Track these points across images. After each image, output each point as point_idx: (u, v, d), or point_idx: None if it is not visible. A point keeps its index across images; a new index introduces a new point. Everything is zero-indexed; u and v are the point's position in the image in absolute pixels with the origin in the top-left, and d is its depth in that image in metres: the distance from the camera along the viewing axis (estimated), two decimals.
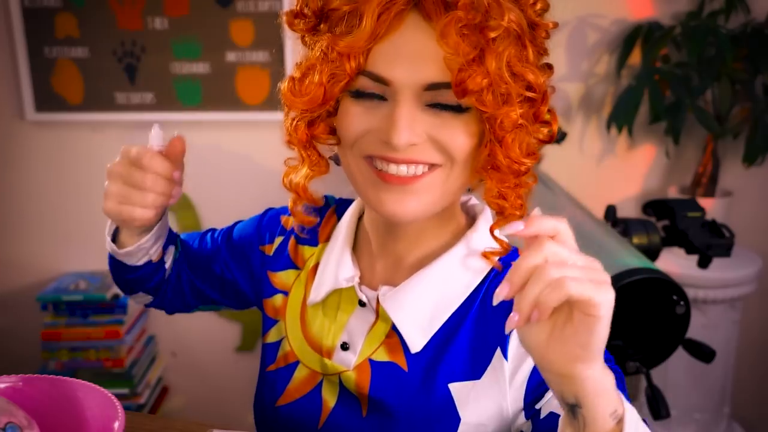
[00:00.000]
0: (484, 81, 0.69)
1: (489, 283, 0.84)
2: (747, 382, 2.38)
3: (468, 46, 0.69)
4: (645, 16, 2.17)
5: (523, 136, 0.74)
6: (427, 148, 0.74)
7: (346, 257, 0.89)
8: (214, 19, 2.23)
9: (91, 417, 0.76)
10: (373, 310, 0.87)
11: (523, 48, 0.72)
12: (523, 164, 0.74)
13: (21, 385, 0.79)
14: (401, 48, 0.72)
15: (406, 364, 0.84)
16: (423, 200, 0.77)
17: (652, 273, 1.25)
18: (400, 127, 0.72)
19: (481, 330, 0.82)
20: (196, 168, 2.37)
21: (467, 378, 0.81)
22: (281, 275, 0.97)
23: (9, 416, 0.72)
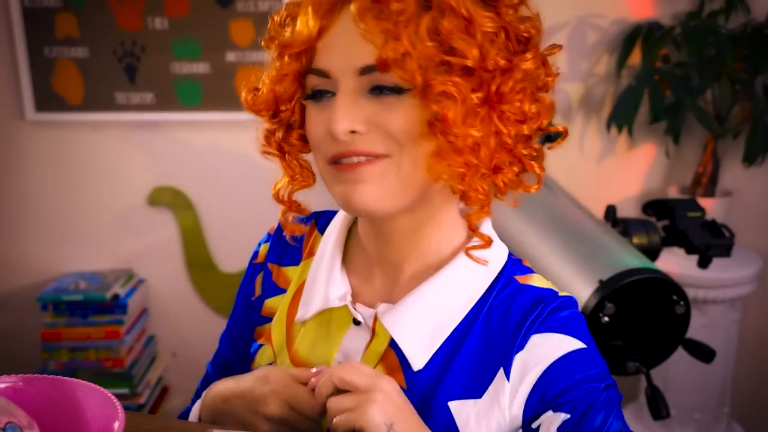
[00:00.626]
0: (400, 49, 0.70)
1: (492, 298, 0.82)
2: (747, 382, 2.38)
3: (383, 21, 0.70)
4: (645, 16, 2.17)
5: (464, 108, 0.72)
6: (372, 138, 0.74)
7: (335, 273, 0.86)
8: (214, 19, 2.24)
9: (91, 417, 0.76)
10: (369, 328, 0.83)
11: (465, 21, 0.71)
12: (466, 137, 0.72)
13: (21, 385, 0.79)
14: (337, 40, 0.74)
15: (405, 383, 0.81)
16: (379, 189, 0.75)
17: (652, 273, 1.25)
18: (338, 115, 0.73)
19: (484, 347, 0.80)
20: (196, 168, 2.39)
21: (468, 396, 0.79)
22: (269, 302, 0.94)
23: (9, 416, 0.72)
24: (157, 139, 2.39)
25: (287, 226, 0.88)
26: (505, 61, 0.73)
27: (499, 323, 0.80)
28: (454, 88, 0.71)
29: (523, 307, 0.80)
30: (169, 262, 2.49)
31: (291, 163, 0.84)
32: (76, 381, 0.79)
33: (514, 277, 0.83)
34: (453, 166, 0.73)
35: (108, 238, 2.47)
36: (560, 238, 1.41)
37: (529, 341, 0.78)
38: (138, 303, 2.41)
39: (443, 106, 0.71)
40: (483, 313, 0.81)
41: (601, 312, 1.24)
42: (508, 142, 0.76)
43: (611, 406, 0.76)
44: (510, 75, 0.74)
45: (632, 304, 1.25)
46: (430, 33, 0.71)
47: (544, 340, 0.78)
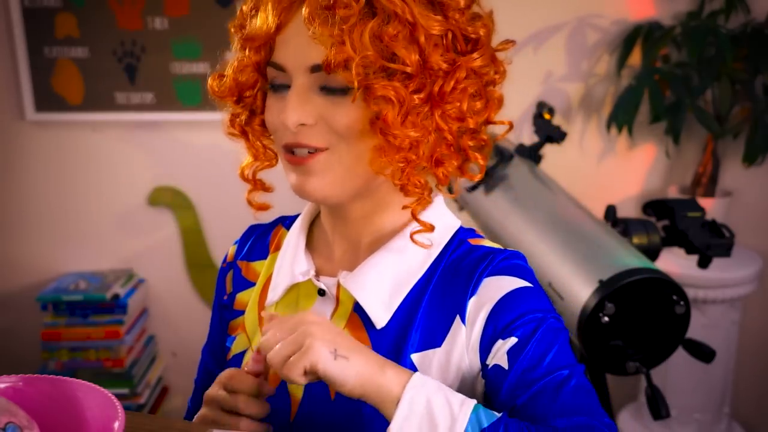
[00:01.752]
0: (343, 55, 0.75)
1: (449, 255, 0.87)
2: (747, 382, 2.38)
3: (330, 25, 0.75)
4: (645, 16, 2.17)
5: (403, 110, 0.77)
6: (318, 131, 0.80)
7: (300, 254, 0.92)
8: (214, 19, 2.23)
9: (91, 417, 0.76)
10: (333, 297, 0.89)
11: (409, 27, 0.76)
12: (404, 138, 0.77)
13: (21, 385, 0.79)
14: (293, 36, 0.80)
15: (370, 341, 0.86)
16: (325, 179, 0.82)
17: (652, 273, 1.25)
18: (289, 107, 0.79)
19: (440, 300, 0.85)
20: (196, 168, 2.39)
21: (428, 347, 0.84)
22: (240, 296, 0.99)
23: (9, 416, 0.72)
24: (157, 139, 2.39)
25: (254, 204, 0.94)
26: (448, 64, 0.79)
27: (453, 276, 0.86)
28: (393, 92, 0.76)
29: (474, 260, 0.86)
30: (169, 262, 2.49)
31: (255, 144, 0.91)
32: (76, 381, 0.79)
33: (467, 240, 0.90)
34: (393, 161, 0.79)
35: (108, 238, 2.47)
36: (560, 237, 1.41)
37: (481, 285, 0.84)
38: (138, 303, 2.41)
39: (383, 108, 0.77)
40: (438, 270, 0.87)
41: (601, 312, 1.24)
42: (448, 138, 0.82)
43: (557, 333, 0.82)
44: (452, 76, 0.79)
45: (632, 304, 1.25)
46: (374, 39, 0.76)
47: (494, 282, 0.84)
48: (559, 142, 1.74)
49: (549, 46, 2.23)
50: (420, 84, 0.78)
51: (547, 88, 2.26)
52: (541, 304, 0.84)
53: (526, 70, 2.22)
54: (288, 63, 0.80)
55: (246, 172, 0.93)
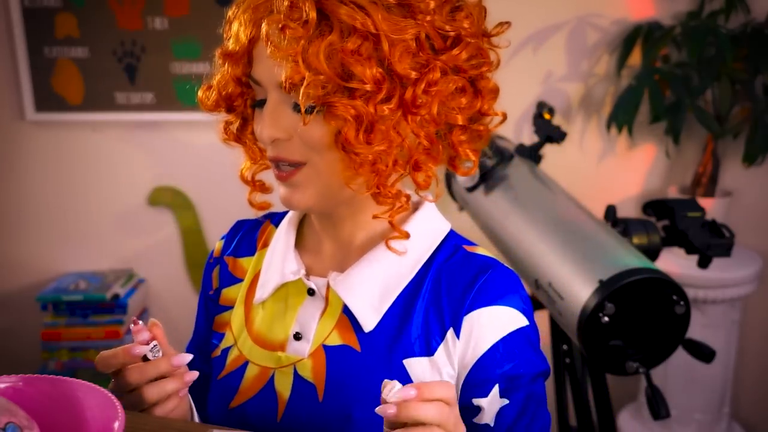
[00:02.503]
0: (297, 76, 0.74)
1: (440, 263, 0.87)
2: (747, 382, 2.38)
3: (287, 45, 0.75)
4: (645, 16, 2.17)
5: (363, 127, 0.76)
6: (293, 145, 0.81)
7: (290, 253, 0.92)
8: (214, 19, 2.21)
9: (91, 417, 0.76)
10: (322, 297, 0.89)
11: (372, 41, 0.75)
12: (369, 152, 0.77)
13: (21, 385, 0.79)
14: (263, 52, 0.79)
15: (359, 345, 0.86)
16: (308, 192, 0.83)
17: (652, 273, 1.25)
18: (263, 123, 0.80)
19: (434, 308, 0.85)
20: (196, 168, 2.39)
21: (422, 354, 0.85)
22: (226, 292, 0.99)
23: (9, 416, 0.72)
24: (157, 139, 2.39)
25: (255, 204, 0.95)
26: (417, 69, 0.76)
27: (449, 286, 0.86)
28: (353, 111, 0.75)
29: (471, 272, 0.86)
30: (169, 262, 2.49)
31: (252, 148, 0.92)
32: (76, 381, 0.79)
33: (462, 246, 0.89)
34: (361, 174, 0.79)
35: (108, 238, 2.47)
36: (560, 237, 1.41)
37: (479, 310, 0.84)
38: (138, 303, 2.41)
39: (342, 126, 0.76)
40: (431, 276, 0.87)
41: (601, 312, 1.24)
42: (424, 143, 0.80)
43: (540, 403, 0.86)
44: (422, 80, 0.77)
45: (632, 304, 1.25)
46: (330, 58, 0.74)
47: (494, 314, 0.84)
48: (559, 142, 1.74)
49: (549, 46, 2.23)
50: (389, 93, 0.76)
51: (547, 88, 2.26)
52: (535, 356, 0.86)
53: (526, 70, 2.22)
54: (262, 78, 0.81)
55: (245, 174, 0.94)
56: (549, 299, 1.37)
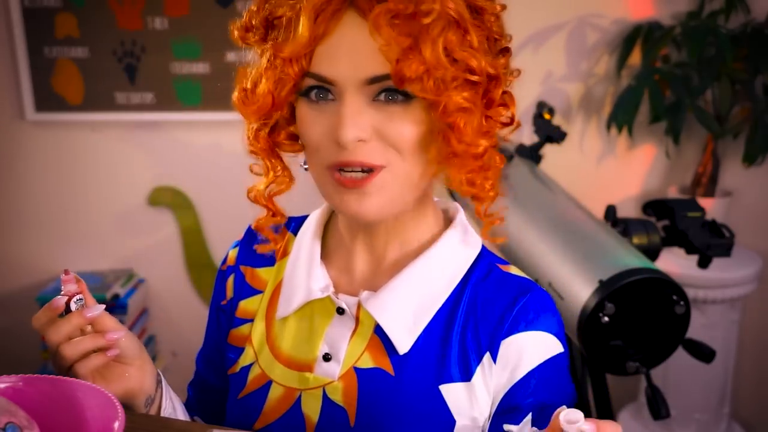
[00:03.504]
0: (421, 68, 0.70)
1: (474, 283, 0.84)
2: (747, 382, 2.38)
3: (401, 36, 0.70)
4: (645, 16, 2.17)
5: (474, 118, 0.74)
6: (376, 146, 0.74)
7: (316, 267, 0.87)
8: (214, 19, 2.23)
9: (91, 417, 0.76)
10: (352, 316, 0.84)
11: (464, 33, 0.72)
12: (479, 146, 0.75)
13: (21, 385, 0.79)
14: (340, 46, 0.73)
15: (393, 369, 0.82)
16: (382, 198, 0.77)
17: (652, 273, 1.25)
18: (346, 123, 0.73)
19: (471, 331, 0.82)
20: (196, 168, 2.39)
21: (459, 379, 0.82)
22: (244, 304, 0.93)
23: (9, 416, 0.72)
24: (157, 139, 2.39)
25: (264, 231, 0.89)
26: (493, 69, 0.75)
27: (486, 308, 0.83)
28: (470, 102, 0.73)
29: (509, 294, 0.83)
30: (169, 262, 2.49)
31: (274, 163, 0.84)
32: (76, 381, 0.79)
33: (497, 265, 0.86)
34: (464, 172, 0.76)
35: (108, 238, 2.47)
36: (560, 237, 1.41)
37: (518, 335, 0.81)
38: (138, 303, 2.41)
39: (457, 118, 0.73)
40: (466, 296, 0.84)
41: (601, 312, 1.24)
42: (496, 143, 0.79)
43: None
44: (498, 82, 0.76)
45: (632, 304, 1.25)
46: (449, 48, 0.71)
47: (531, 340, 0.81)
48: (559, 142, 1.74)
49: (549, 46, 2.23)
50: (481, 91, 0.75)
51: (547, 88, 2.26)
52: (568, 385, 0.85)
53: (525, 70, 2.21)
54: (339, 76, 0.73)
55: (259, 196, 0.86)
56: None
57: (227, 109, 2.62)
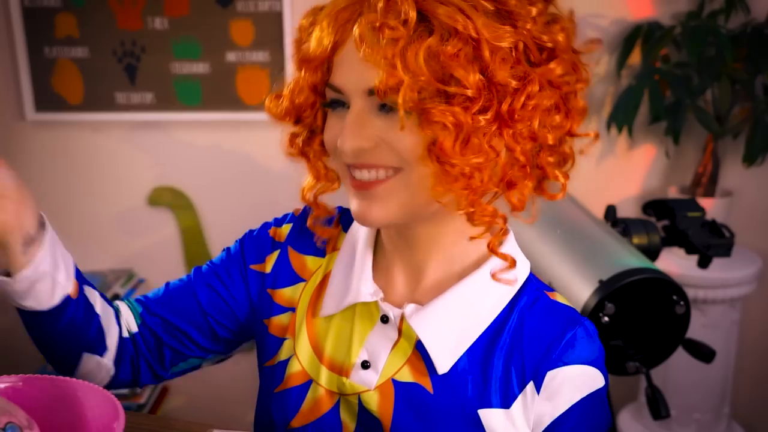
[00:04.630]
0: (392, 80, 0.69)
1: (521, 309, 0.83)
2: (747, 382, 2.38)
3: (381, 49, 0.70)
4: (645, 16, 2.17)
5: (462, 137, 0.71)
6: (381, 152, 0.74)
7: (367, 270, 0.85)
8: (214, 19, 2.24)
9: (91, 417, 0.76)
10: (395, 327, 0.83)
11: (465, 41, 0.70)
12: (465, 165, 0.71)
13: (21, 385, 0.79)
14: (350, 57, 0.74)
15: (432, 387, 0.81)
16: (388, 205, 0.76)
17: (652, 273, 1.25)
18: (345, 134, 0.74)
19: (516, 358, 0.81)
20: (196, 168, 2.39)
21: (499, 405, 0.81)
22: (286, 291, 0.91)
23: (9, 416, 0.72)
24: (157, 139, 2.39)
25: (317, 229, 0.90)
26: (517, 79, 0.71)
27: (533, 336, 0.81)
28: (451, 117, 0.70)
29: (558, 324, 0.81)
30: (169, 262, 2.49)
31: (316, 164, 0.85)
32: (76, 381, 0.79)
33: (544, 292, 0.84)
34: (453, 189, 0.73)
35: (108, 238, 2.47)
36: (560, 237, 1.41)
37: (565, 367, 0.80)
38: None
39: (438, 134, 0.71)
40: (513, 321, 0.82)
41: (601, 312, 1.24)
42: (521, 159, 0.74)
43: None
44: (522, 92, 0.72)
45: (632, 304, 1.25)
46: (430, 59, 0.69)
47: (577, 373, 0.80)
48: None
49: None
50: (486, 103, 0.71)
51: None
52: (606, 416, 0.85)
53: None
54: (345, 86, 0.75)
55: (307, 195, 0.87)
56: None
57: (227, 109, 2.63)
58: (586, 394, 0.81)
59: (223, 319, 0.94)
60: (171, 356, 0.95)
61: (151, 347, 0.95)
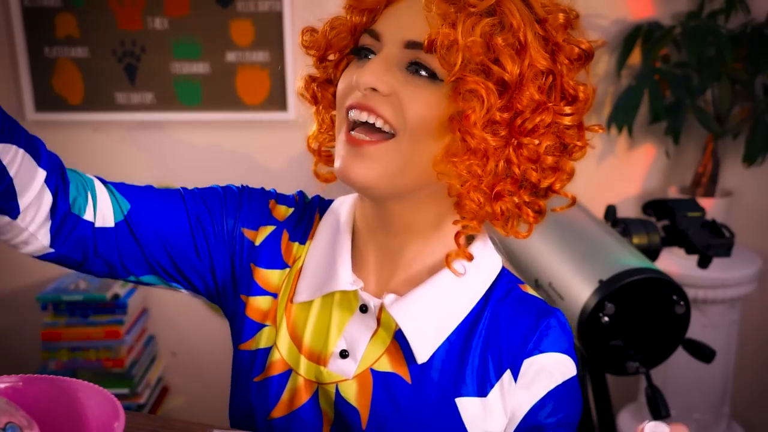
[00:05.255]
0: (450, 39, 0.71)
1: (496, 300, 0.84)
2: (747, 382, 2.38)
3: (447, 7, 0.72)
4: (645, 16, 2.17)
5: (486, 114, 0.73)
6: (388, 104, 0.75)
7: (345, 257, 0.85)
8: (214, 19, 2.24)
9: (91, 417, 0.76)
10: (374, 317, 0.84)
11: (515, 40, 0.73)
12: (482, 141, 0.73)
13: (21, 385, 0.79)
14: (403, 10, 0.77)
15: (410, 377, 0.82)
16: (374, 168, 0.76)
17: (652, 273, 1.26)
18: (366, 68, 0.75)
19: (493, 347, 0.83)
20: (196, 168, 2.39)
21: (476, 394, 0.82)
22: (269, 274, 0.89)
23: (9, 416, 0.72)
24: (157, 139, 2.39)
25: (320, 176, 0.89)
26: (540, 101, 0.74)
27: (509, 327, 0.83)
28: (485, 90, 0.72)
29: (532, 315, 0.84)
30: None
31: (322, 114, 0.87)
32: (76, 381, 0.79)
33: (517, 284, 0.87)
34: (458, 165, 0.74)
35: None
36: (560, 237, 1.41)
37: (540, 355, 0.82)
38: (138, 303, 2.41)
39: (468, 105, 0.72)
40: (488, 313, 0.84)
41: (601, 312, 1.24)
42: (516, 172, 0.77)
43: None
44: (539, 114, 0.75)
45: (632, 304, 1.25)
46: (484, 36, 0.72)
47: (551, 361, 0.83)
48: None
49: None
50: (508, 104, 0.74)
51: None
52: (579, 404, 0.87)
53: None
54: (386, 32, 0.76)
55: (311, 142, 0.89)
56: (549, 299, 1.37)
57: (227, 109, 2.63)
58: (561, 381, 0.83)
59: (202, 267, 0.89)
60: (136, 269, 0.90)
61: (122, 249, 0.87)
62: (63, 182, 0.84)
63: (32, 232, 0.82)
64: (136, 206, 0.88)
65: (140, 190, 0.91)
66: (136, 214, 0.87)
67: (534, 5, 0.76)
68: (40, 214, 0.81)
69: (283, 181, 0.89)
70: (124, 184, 0.92)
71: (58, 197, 0.83)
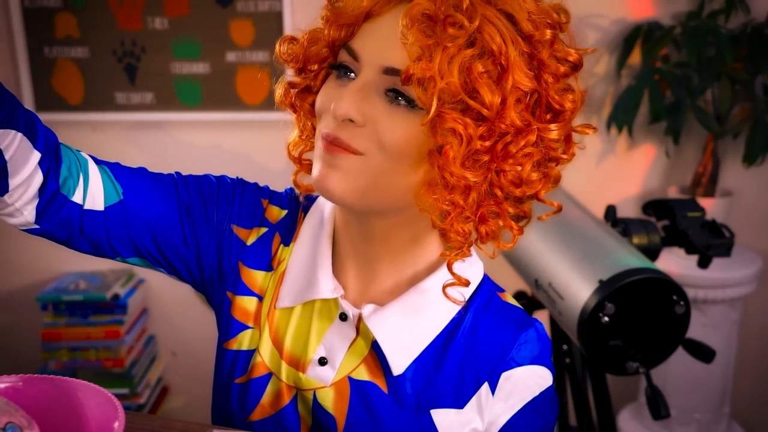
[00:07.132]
0: (428, 72, 0.69)
1: (475, 311, 0.84)
2: (747, 382, 2.38)
3: (425, 36, 0.70)
4: (645, 16, 2.17)
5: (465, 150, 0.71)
6: (362, 134, 0.73)
7: (327, 265, 0.85)
8: (214, 19, 2.24)
9: (91, 417, 0.76)
10: (353, 326, 0.84)
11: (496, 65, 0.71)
12: (462, 179, 0.72)
13: (21, 385, 0.79)
14: (381, 30, 0.74)
15: (387, 387, 0.82)
16: (346, 182, 0.74)
17: (652, 273, 1.25)
18: (344, 97, 0.73)
19: (471, 359, 0.82)
20: (196, 168, 2.38)
21: (451, 406, 0.82)
22: (256, 275, 0.89)
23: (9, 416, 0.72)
24: (157, 139, 2.39)
25: (301, 186, 0.88)
26: (523, 124, 0.72)
27: (487, 339, 0.83)
28: (463, 128, 0.70)
29: (511, 326, 0.84)
30: None
31: (303, 122, 0.85)
32: (76, 381, 0.79)
33: (497, 293, 0.86)
34: (439, 201, 0.73)
35: None
36: (560, 237, 1.41)
37: (518, 368, 0.83)
38: (138, 303, 2.41)
39: (447, 141, 0.71)
40: (467, 323, 0.84)
41: (601, 312, 1.24)
42: (498, 195, 0.76)
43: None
44: (523, 137, 0.73)
45: (632, 304, 1.25)
46: (462, 69, 0.70)
47: (529, 373, 0.83)
48: None
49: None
50: (489, 132, 0.72)
51: None
52: (555, 413, 0.87)
53: None
54: (364, 53, 0.74)
55: (292, 150, 0.86)
56: (549, 299, 1.37)
57: (227, 109, 2.63)
58: (538, 392, 0.84)
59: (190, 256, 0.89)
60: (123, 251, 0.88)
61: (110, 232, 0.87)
62: (56, 162, 0.84)
63: (17, 208, 0.82)
64: (128, 192, 0.88)
65: (134, 174, 0.92)
66: (127, 201, 0.87)
67: (519, 21, 0.72)
68: (28, 192, 0.81)
69: (284, 181, 0.88)
70: (119, 165, 0.92)
71: (49, 177, 0.83)
